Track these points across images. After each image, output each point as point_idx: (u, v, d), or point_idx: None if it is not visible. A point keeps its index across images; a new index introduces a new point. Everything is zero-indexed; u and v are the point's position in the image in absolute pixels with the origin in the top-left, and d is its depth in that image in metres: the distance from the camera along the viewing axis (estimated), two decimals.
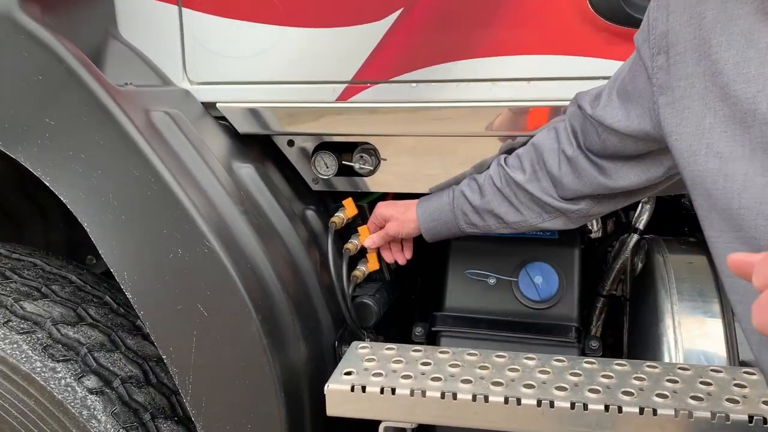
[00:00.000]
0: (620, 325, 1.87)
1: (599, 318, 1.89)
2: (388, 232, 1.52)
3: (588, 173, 1.20)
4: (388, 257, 1.61)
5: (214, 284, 1.22)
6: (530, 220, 1.35)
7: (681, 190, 1.42)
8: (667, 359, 1.36)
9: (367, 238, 1.57)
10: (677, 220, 2.06)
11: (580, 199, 1.28)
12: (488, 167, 1.41)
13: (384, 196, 1.75)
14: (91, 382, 1.37)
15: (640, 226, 1.78)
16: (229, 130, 1.53)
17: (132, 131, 1.22)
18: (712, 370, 1.22)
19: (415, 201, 1.50)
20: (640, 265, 1.66)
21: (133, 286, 1.24)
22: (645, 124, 1.01)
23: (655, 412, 1.10)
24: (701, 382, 1.18)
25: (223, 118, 1.53)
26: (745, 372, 1.21)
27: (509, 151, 1.40)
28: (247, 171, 1.45)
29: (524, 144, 1.37)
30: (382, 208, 1.53)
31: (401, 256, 1.60)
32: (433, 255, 1.72)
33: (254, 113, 1.51)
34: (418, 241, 1.60)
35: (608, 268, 1.84)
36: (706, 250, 1.55)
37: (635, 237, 1.77)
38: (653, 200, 1.78)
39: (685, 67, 0.88)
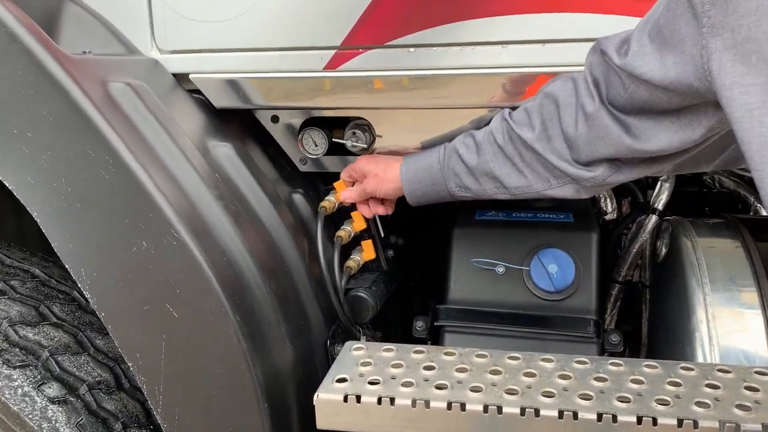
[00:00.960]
0: (637, 313, 1.75)
1: (614, 306, 1.76)
2: (365, 189, 1.37)
3: (611, 133, 1.04)
4: (366, 212, 1.44)
5: (185, 281, 1.09)
6: (534, 186, 1.18)
7: (702, 168, 1.28)
8: (700, 358, 1.22)
9: (343, 191, 1.42)
10: (698, 200, 1.93)
11: (598, 164, 1.11)
12: (487, 123, 1.25)
13: None
14: (53, 390, 1.26)
15: (659, 206, 1.65)
16: (204, 104, 1.39)
17: (86, 105, 1.07)
18: (757, 373, 1.07)
19: (401, 157, 1.34)
20: (664, 250, 1.51)
21: (92, 285, 1.10)
22: (686, 75, 0.84)
23: (696, 424, 0.95)
24: (746, 387, 1.03)
25: (198, 91, 1.39)
26: None
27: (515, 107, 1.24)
28: (224, 150, 1.31)
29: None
30: (362, 163, 1.36)
31: (382, 209, 1.44)
32: (434, 241, 1.58)
33: (232, 85, 1.36)
34: (420, 227, 1.45)
35: (624, 252, 1.72)
36: (738, 232, 1.41)
37: (654, 218, 1.64)
38: (673, 178, 1.64)
39: (749, 1, 0.72)
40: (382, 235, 1.52)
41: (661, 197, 1.64)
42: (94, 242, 1.10)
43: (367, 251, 1.47)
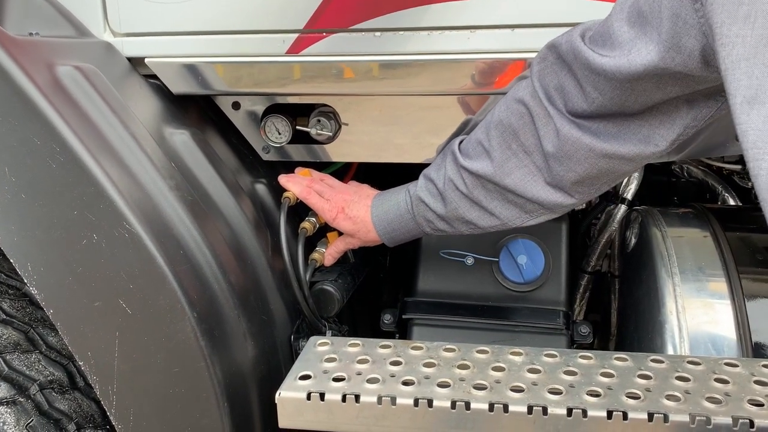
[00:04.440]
0: (607, 303, 1.74)
1: (583, 297, 1.75)
2: (349, 247, 1.39)
3: (581, 145, 0.97)
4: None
5: (138, 275, 1.03)
6: (510, 222, 1.15)
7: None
8: (670, 349, 1.20)
9: (328, 253, 1.39)
10: (667, 189, 1.92)
11: (573, 187, 1.05)
12: (438, 158, 1.21)
13: (347, 167, 1.56)
14: (1, 390, 1.20)
15: (628, 196, 1.64)
16: (161, 90, 1.33)
17: (30, 89, 1.01)
18: (727, 364, 1.06)
19: (365, 204, 1.29)
20: (633, 240, 1.49)
21: (40, 280, 1.04)
22: (683, 51, 0.78)
23: (666, 418, 0.93)
24: (716, 380, 1.02)
25: (154, 76, 1.33)
26: (764, 365, 1.05)
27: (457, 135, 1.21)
28: (181, 138, 1.25)
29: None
30: (340, 221, 1.30)
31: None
32: None
33: (190, 70, 1.30)
34: None
35: (593, 242, 1.70)
36: (707, 221, 1.40)
37: (623, 208, 1.62)
38: (642, 168, 1.62)
39: None
40: (353, 261, 1.48)
41: (630, 187, 1.63)
42: (40, 235, 1.03)
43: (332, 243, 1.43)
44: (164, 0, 1.26)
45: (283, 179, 1.36)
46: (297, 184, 1.34)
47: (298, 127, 1.38)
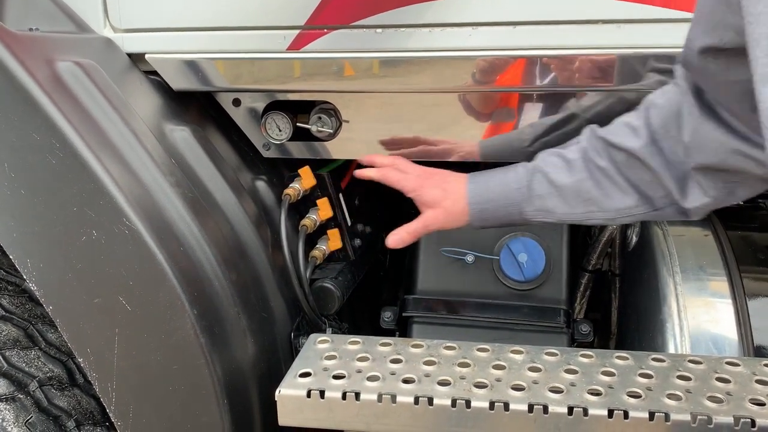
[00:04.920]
0: (607, 302, 1.73)
1: (584, 295, 1.75)
2: (428, 226, 1.21)
3: (715, 137, 0.93)
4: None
5: (138, 272, 1.03)
6: (635, 208, 1.07)
7: None
8: (671, 348, 1.20)
9: (405, 230, 1.21)
10: None
11: (707, 182, 0.99)
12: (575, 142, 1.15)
13: (348, 164, 1.55)
14: (0, 387, 1.19)
15: None
16: (162, 86, 1.33)
17: (30, 85, 1.01)
18: (728, 363, 1.06)
19: (460, 177, 1.19)
20: (634, 239, 1.49)
21: (39, 276, 1.04)
22: None
23: (667, 417, 0.93)
24: (717, 379, 1.01)
25: (154, 73, 1.32)
26: (766, 364, 1.05)
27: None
28: (182, 135, 1.24)
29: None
30: (427, 188, 1.19)
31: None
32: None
33: (191, 66, 1.30)
34: (390, 214, 1.41)
35: (594, 241, 1.69)
36: (709, 220, 1.40)
37: None
38: None
39: None
40: (349, 223, 1.47)
41: None
42: (40, 231, 1.03)
43: (333, 240, 1.42)
44: None
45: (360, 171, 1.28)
46: (371, 170, 1.26)
47: (298, 124, 1.37)
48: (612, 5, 1.11)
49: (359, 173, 1.27)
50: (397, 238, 1.21)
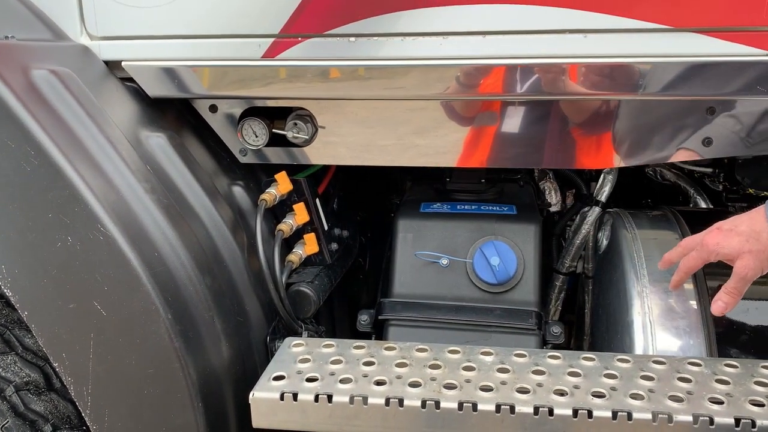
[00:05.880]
0: (581, 304, 1.76)
1: (558, 297, 1.78)
2: (744, 277, 1.08)
3: None
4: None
5: (113, 277, 1.05)
6: None
7: None
8: (638, 348, 1.23)
9: (716, 299, 1.11)
10: (640, 192, 1.95)
11: None
12: None
13: (325, 169, 1.57)
14: None
15: (602, 198, 1.65)
16: (138, 93, 1.34)
17: (4, 93, 1.03)
18: (690, 363, 1.09)
19: (760, 213, 1.09)
20: (605, 242, 1.52)
21: (14, 282, 1.05)
22: None
23: (630, 416, 0.96)
24: (679, 379, 1.04)
25: (131, 80, 1.33)
26: (726, 365, 1.08)
27: None
28: (157, 141, 1.25)
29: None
30: (723, 242, 1.09)
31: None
32: (379, 233, 1.56)
33: (168, 73, 1.31)
34: (369, 218, 1.42)
35: (568, 243, 1.72)
36: (677, 224, 1.43)
37: (597, 210, 1.64)
38: (616, 171, 1.64)
39: None
40: (326, 228, 1.49)
41: (604, 189, 1.65)
42: (15, 237, 1.04)
43: (309, 244, 1.44)
44: (142, 4, 1.27)
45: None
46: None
47: (274, 130, 1.39)
48: (578, 15, 1.14)
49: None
50: (721, 304, 1.11)
